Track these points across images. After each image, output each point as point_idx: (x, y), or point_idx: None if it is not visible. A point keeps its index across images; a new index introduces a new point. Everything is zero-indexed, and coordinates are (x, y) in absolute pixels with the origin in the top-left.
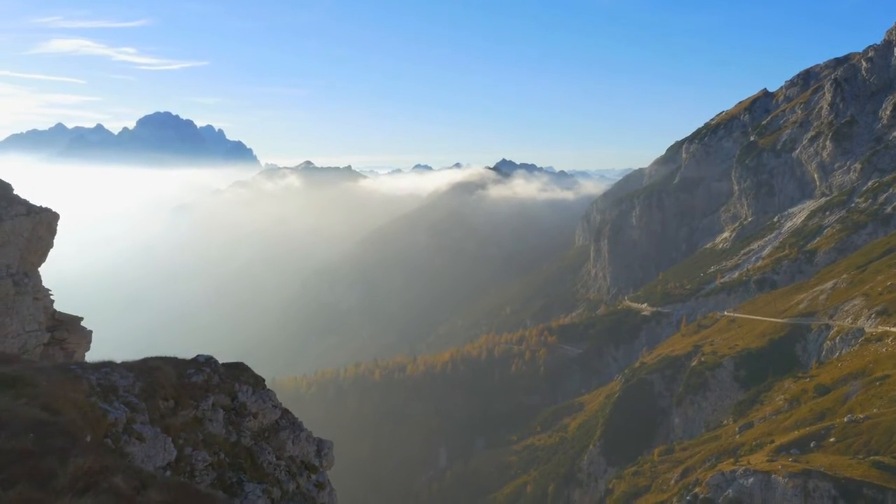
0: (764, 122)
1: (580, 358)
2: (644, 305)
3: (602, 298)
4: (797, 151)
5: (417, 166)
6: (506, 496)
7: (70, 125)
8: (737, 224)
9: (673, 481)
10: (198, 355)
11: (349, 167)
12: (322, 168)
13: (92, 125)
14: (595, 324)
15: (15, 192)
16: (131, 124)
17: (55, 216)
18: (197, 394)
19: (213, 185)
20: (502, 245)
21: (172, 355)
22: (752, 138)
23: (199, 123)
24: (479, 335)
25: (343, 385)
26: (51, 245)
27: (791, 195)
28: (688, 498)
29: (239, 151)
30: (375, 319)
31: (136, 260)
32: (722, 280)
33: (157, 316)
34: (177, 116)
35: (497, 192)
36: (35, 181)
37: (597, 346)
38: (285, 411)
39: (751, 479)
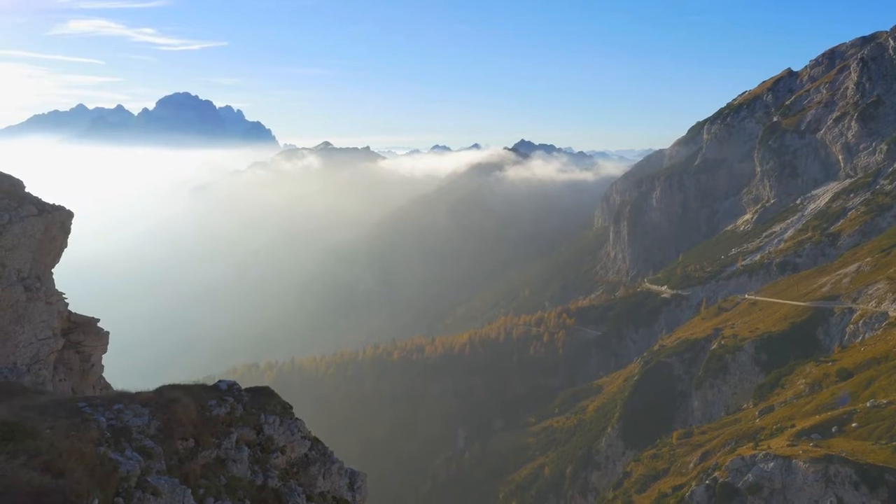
0: (788, 103)
1: (599, 340)
2: (664, 288)
3: (621, 280)
4: (821, 132)
5: (436, 147)
6: (523, 477)
7: (91, 106)
8: (759, 206)
9: (692, 465)
10: (219, 381)
11: (367, 148)
12: (340, 149)
13: (112, 106)
14: (614, 306)
15: (27, 190)
16: (151, 105)
17: (69, 214)
18: (219, 429)
19: (232, 166)
20: (521, 226)
21: (193, 381)
22: (775, 119)
23: (219, 104)
24: (497, 317)
25: (362, 366)
26: (65, 245)
27: (814, 177)
28: (707, 482)
29: (258, 132)
30: (393, 300)
31: (155, 240)
32: (743, 263)
33: (177, 297)
34: (196, 97)
35: (515, 172)
36: (57, 162)
37: (616, 328)
38: (315, 441)
39: (771, 464)
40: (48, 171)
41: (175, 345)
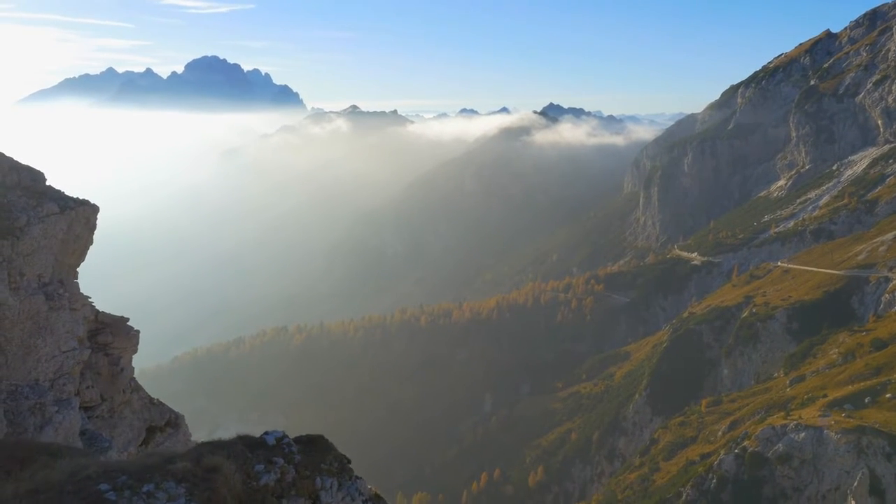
0: (826, 66)
1: (627, 307)
2: (694, 255)
3: (651, 247)
4: (860, 96)
5: (463, 111)
6: (550, 442)
7: (120, 69)
8: (793, 172)
9: (720, 433)
10: (266, 434)
11: (395, 111)
12: (368, 113)
13: (141, 69)
14: (643, 273)
15: (48, 184)
16: (180, 68)
17: (94, 209)
18: (269, 502)
19: (261, 130)
20: (549, 191)
21: (240, 436)
22: (812, 82)
23: (246, 67)
24: (524, 282)
25: (389, 330)
26: (90, 242)
27: (852, 142)
28: (736, 451)
29: (286, 96)
30: (421, 265)
31: (184, 205)
32: (776, 230)
33: (206, 261)
34: (224, 60)
35: (544, 137)
36: (87, 126)
37: (644, 295)
38: (376, 499)
39: (802, 434)
40: (78, 136)
41: (203, 309)
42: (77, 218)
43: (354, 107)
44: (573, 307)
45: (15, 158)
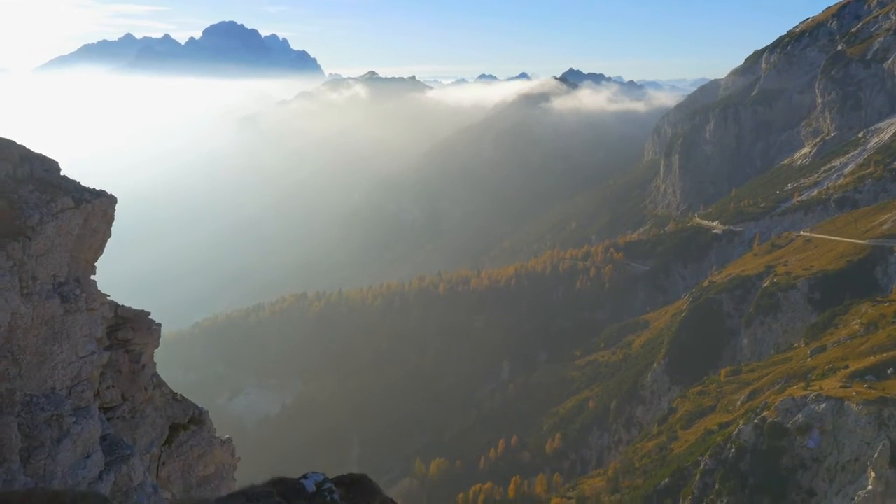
0: (853, 30)
1: (647, 275)
2: (715, 223)
3: (671, 215)
4: (889, 62)
5: (482, 76)
6: (567, 410)
7: (138, 35)
8: (818, 139)
9: (739, 403)
10: (304, 479)
11: (413, 77)
12: (386, 79)
13: (159, 35)
14: (663, 241)
15: (62, 174)
16: (197, 34)
17: (111, 201)
18: None
19: (279, 96)
20: (568, 158)
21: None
22: (839, 47)
23: (264, 33)
24: (543, 250)
25: (408, 298)
26: (107, 235)
27: (879, 109)
28: (755, 421)
29: (303, 61)
30: (439, 232)
31: (203, 171)
32: (799, 198)
33: (225, 227)
34: (241, 26)
35: (563, 103)
36: (106, 93)
37: (664, 263)
38: None
39: (823, 405)
40: (97, 102)
41: (222, 276)
42: (94, 211)
43: (372, 73)
44: (592, 275)
45: (27, 146)
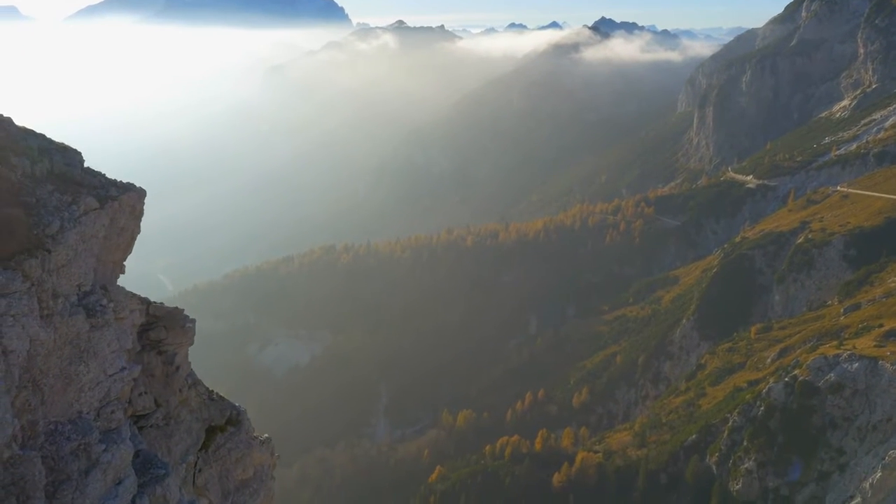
0: None
1: (677, 230)
2: (749, 177)
3: (704, 169)
4: None
5: (512, 25)
6: (594, 364)
7: None
8: (859, 91)
9: (769, 360)
10: None
11: (442, 27)
12: (415, 28)
13: None
14: (695, 195)
15: (87, 165)
16: None
17: (139, 195)
18: None
19: (306, 47)
20: (599, 110)
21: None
22: None
23: None
24: (571, 203)
25: (436, 251)
26: (137, 232)
27: None
28: (786, 379)
29: (331, 10)
30: (467, 184)
31: (231, 122)
32: (837, 152)
33: (254, 179)
34: None
35: (595, 53)
36: (132, 44)
37: (696, 218)
38: None
39: (856, 365)
40: (125, 53)
41: (252, 227)
42: (121, 209)
43: (401, 22)
44: (621, 230)
45: (46, 136)
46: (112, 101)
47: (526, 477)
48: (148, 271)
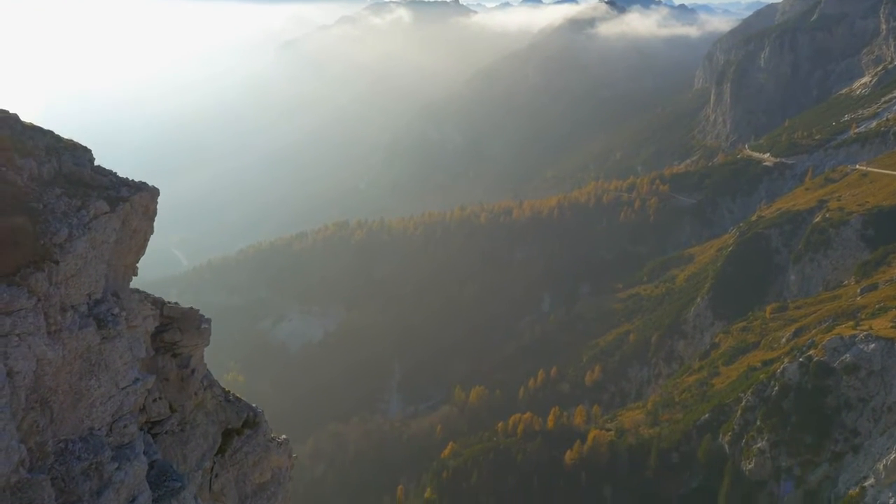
0: None
1: (693, 208)
2: (766, 155)
3: (720, 146)
4: None
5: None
6: (607, 343)
7: None
8: (880, 68)
9: (784, 340)
10: None
11: (457, 1)
12: (429, 2)
13: None
14: (711, 173)
15: (97, 163)
16: None
17: (152, 194)
18: None
19: (319, 21)
20: (615, 86)
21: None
22: None
23: None
24: (586, 180)
25: (449, 227)
26: (150, 232)
27: None
28: (801, 359)
29: None
30: (481, 160)
31: (244, 97)
32: (857, 130)
33: (268, 153)
34: None
35: (611, 28)
36: (145, 18)
37: (711, 196)
38: None
39: (872, 346)
40: (138, 28)
41: (266, 202)
42: (133, 210)
43: None
44: (636, 207)
45: (54, 133)
46: (125, 75)
47: (538, 454)
48: (163, 246)
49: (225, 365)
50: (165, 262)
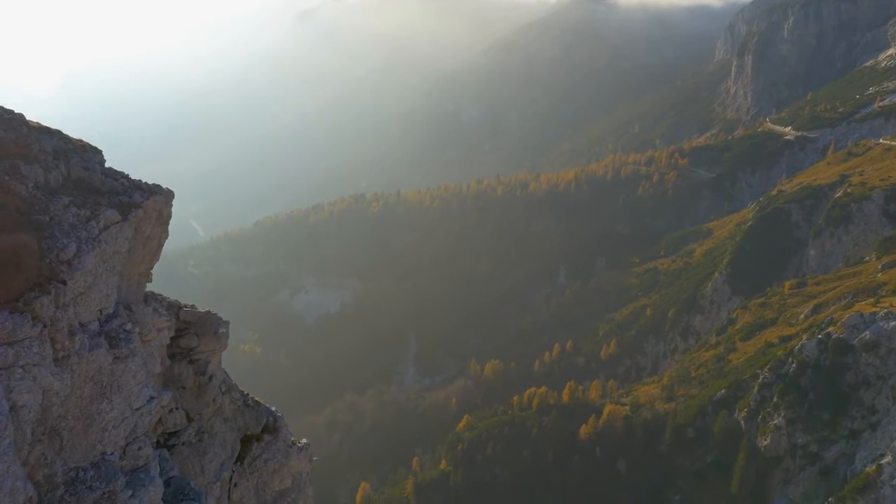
0: None
1: (712, 183)
2: (787, 129)
3: (741, 119)
4: None
5: None
6: (623, 317)
7: None
8: None
9: (802, 316)
10: None
11: None
12: None
13: None
14: (731, 147)
15: (107, 165)
16: None
17: (167, 198)
18: None
19: None
20: (634, 57)
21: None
22: None
23: None
24: (604, 153)
25: (465, 200)
26: (164, 237)
27: None
28: (819, 336)
29: None
30: (498, 132)
31: (259, 67)
32: (881, 103)
33: (283, 125)
34: None
35: None
36: None
37: (731, 170)
38: None
39: (892, 323)
40: None
41: (282, 174)
42: (146, 216)
43: None
44: (654, 181)
45: (62, 132)
46: (142, 47)
47: (553, 428)
48: (180, 218)
49: (242, 336)
50: (182, 233)
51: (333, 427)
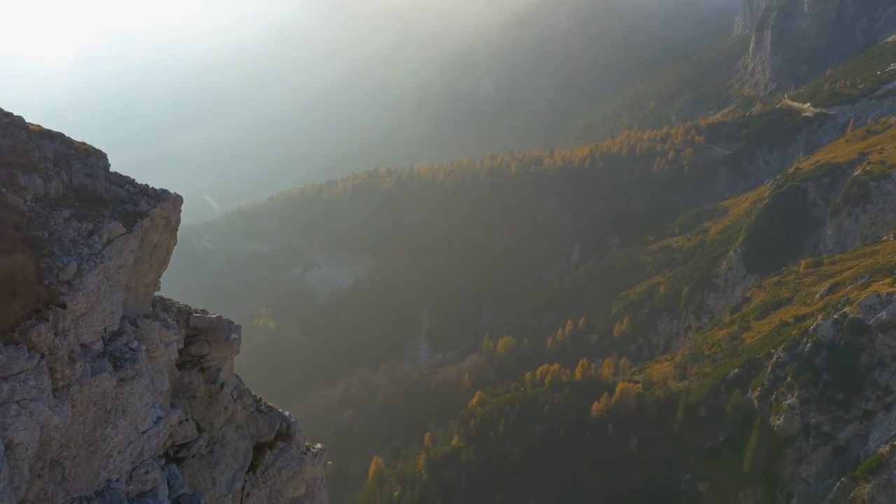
0: None
1: (728, 160)
2: (806, 105)
3: (758, 95)
4: None
5: None
6: (637, 294)
7: None
8: None
9: (818, 296)
10: None
11: None
12: None
13: None
14: (748, 123)
15: (112, 169)
16: None
17: (175, 203)
18: None
19: None
20: (651, 31)
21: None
22: None
23: None
24: (619, 129)
25: (479, 176)
26: (173, 244)
27: None
28: (835, 316)
29: None
30: (512, 108)
31: (271, 41)
32: None
33: (295, 100)
34: None
35: None
36: None
37: (748, 147)
38: None
39: None
40: None
41: (295, 149)
42: (153, 225)
43: None
44: (670, 158)
45: (64, 135)
46: (156, 19)
47: (565, 405)
48: (193, 192)
49: (256, 311)
50: (196, 208)
51: (346, 402)
